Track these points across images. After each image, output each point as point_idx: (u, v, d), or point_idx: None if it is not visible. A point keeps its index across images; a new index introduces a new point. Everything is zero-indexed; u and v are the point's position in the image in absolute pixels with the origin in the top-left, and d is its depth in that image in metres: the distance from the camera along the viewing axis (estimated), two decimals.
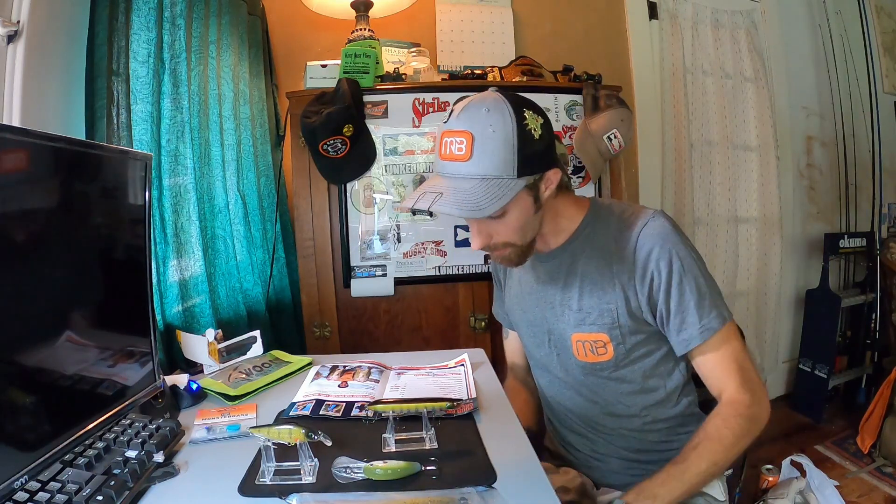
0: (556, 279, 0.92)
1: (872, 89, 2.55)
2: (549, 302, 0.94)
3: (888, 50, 2.70)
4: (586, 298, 0.89)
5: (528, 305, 0.98)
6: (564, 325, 0.91)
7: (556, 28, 2.09)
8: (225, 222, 1.42)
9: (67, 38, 1.06)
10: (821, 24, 2.53)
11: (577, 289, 0.90)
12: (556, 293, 0.92)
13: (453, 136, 0.76)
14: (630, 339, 0.88)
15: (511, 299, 1.04)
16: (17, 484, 0.53)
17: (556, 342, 0.94)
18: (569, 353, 0.92)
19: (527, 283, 0.98)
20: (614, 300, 0.87)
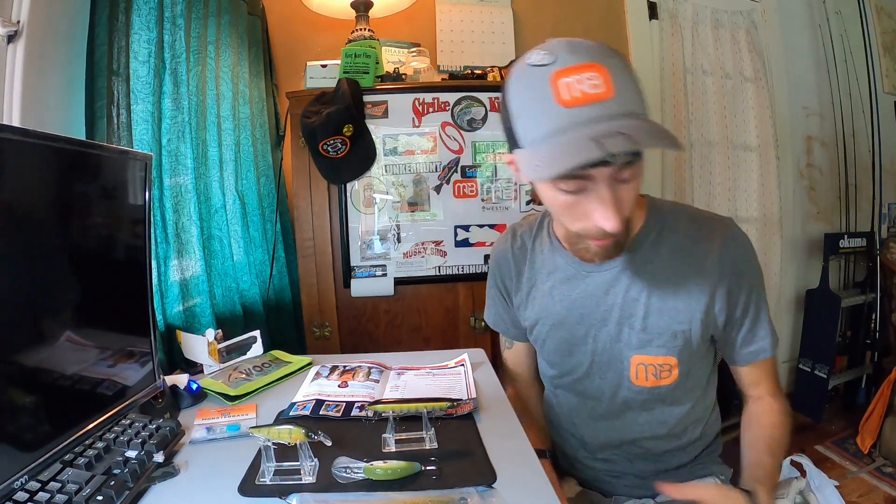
0: (613, 293, 0.79)
1: (872, 89, 2.55)
2: (599, 319, 0.81)
3: (888, 50, 2.69)
4: (654, 317, 0.77)
5: (563, 321, 0.84)
6: (622, 347, 0.80)
7: (556, 28, 2.09)
8: (221, 223, 1.42)
9: (67, 38, 1.06)
10: (821, 24, 2.53)
11: (642, 305, 0.78)
12: (613, 310, 0.80)
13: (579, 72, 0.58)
14: (696, 359, 0.82)
15: (534, 312, 0.89)
16: (17, 484, 0.53)
17: (605, 364, 0.83)
18: (622, 377, 0.82)
19: (563, 296, 0.84)
20: (688, 320, 0.77)
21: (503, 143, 1.57)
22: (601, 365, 0.84)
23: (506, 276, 0.94)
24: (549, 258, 0.87)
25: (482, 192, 1.58)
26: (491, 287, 0.98)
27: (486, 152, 1.58)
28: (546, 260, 0.87)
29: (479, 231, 1.58)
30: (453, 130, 1.56)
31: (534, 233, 0.91)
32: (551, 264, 0.86)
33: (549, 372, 0.94)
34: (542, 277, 0.88)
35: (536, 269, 0.89)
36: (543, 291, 0.87)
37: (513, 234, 0.94)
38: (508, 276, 0.93)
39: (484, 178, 1.58)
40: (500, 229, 1.59)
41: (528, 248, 0.90)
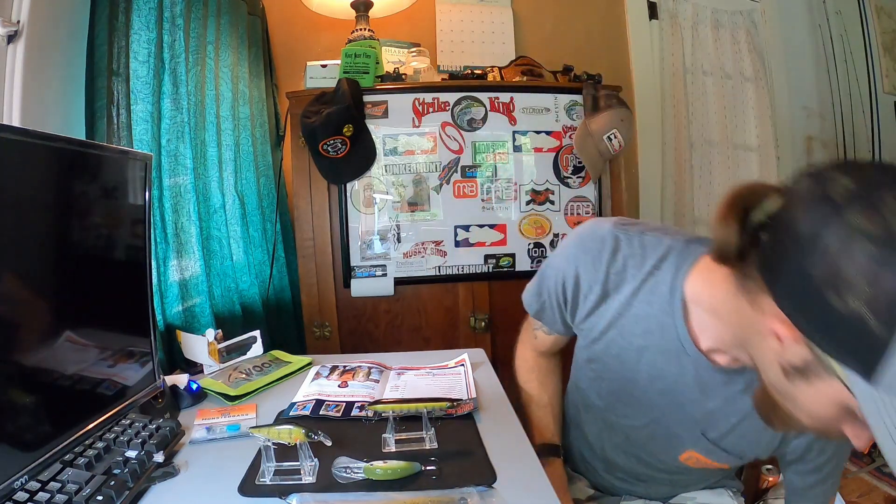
0: (712, 398, 0.69)
1: (872, 89, 2.55)
2: (680, 403, 0.71)
3: (888, 50, 2.69)
4: (733, 438, 0.70)
5: (638, 383, 0.73)
6: (685, 440, 0.73)
7: (556, 28, 2.09)
8: (220, 223, 1.42)
9: (67, 38, 1.06)
10: (821, 24, 2.53)
11: (729, 426, 0.70)
12: (698, 410, 0.70)
13: None
14: None
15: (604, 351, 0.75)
16: (17, 484, 0.53)
17: (660, 437, 0.76)
18: (670, 454, 0.77)
19: (660, 371, 0.71)
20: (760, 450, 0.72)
21: (503, 143, 1.58)
22: (655, 433, 0.76)
23: (581, 295, 0.74)
24: (656, 318, 0.69)
25: (482, 192, 1.58)
26: (549, 290, 0.79)
27: (486, 152, 1.58)
28: (652, 318, 0.69)
29: (479, 231, 1.58)
30: (453, 130, 1.56)
31: (648, 270, 0.69)
32: (657, 327, 0.69)
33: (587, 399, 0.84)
34: (632, 328, 0.71)
35: (630, 316, 0.71)
36: (627, 342, 0.72)
37: (613, 248, 0.71)
38: (581, 298, 0.75)
39: (484, 178, 1.58)
40: (500, 229, 1.59)
41: (629, 280, 0.70)
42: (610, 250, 0.71)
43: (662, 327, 0.68)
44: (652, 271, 0.69)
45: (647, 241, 0.71)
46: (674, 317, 0.67)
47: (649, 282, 0.69)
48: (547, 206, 1.62)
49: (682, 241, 0.69)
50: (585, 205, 1.64)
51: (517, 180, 1.60)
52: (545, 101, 1.61)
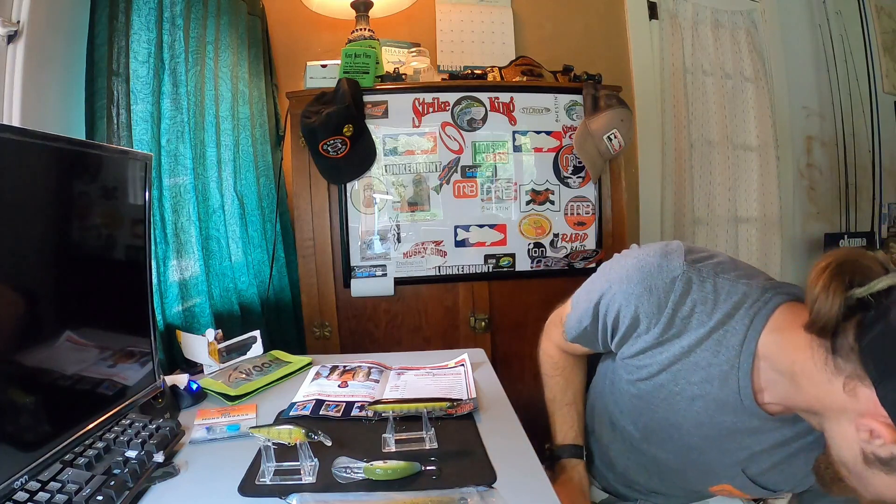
0: (758, 442, 0.68)
1: (872, 89, 2.55)
2: (724, 449, 0.70)
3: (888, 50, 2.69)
4: (772, 474, 0.70)
5: (689, 431, 0.71)
6: (721, 475, 0.73)
7: (556, 28, 2.09)
8: (219, 223, 1.42)
9: (67, 38, 1.06)
10: (821, 24, 2.53)
11: (772, 462, 0.69)
12: (743, 452, 0.69)
13: None
14: None
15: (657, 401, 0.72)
16: (17, 484, 0.53)
17: (694, 470, 0.75)
18: (701, 483, 0.78)
19: (709, 419, 0.69)
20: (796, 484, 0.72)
21: (503, 143, 1.58)
22: (689, 467, 0.75)
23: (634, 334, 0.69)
24: (720, 370, 0.64)
25: (482, 192, 1.58)
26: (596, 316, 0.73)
27: (486, 152, 1.58)
28: (715, 369, 0.65)
29: (479, 231, 1.58)
30: (453, 130, 1.56)
31: (720, 318, 0.63)
32: (718, 378, 0.65)
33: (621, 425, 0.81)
34: (690, 376, 0.67)
35: (690, 363, 0.66)
36: (680, 388, 0.68)
37: (683, 290, 0.65)
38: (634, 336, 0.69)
39: (484, 178, 1.58)
40: (500, 229, 1.59)
41: (696, 327, 0.65)
42: (679, 293, 0.65)
43: (724, 379, 0.64)
44: (724, 320, 0.63)
45: (720, 286, 0.64)
46: (739, 371, 0.63)
47: (718, 331, 0.64)
48: (547, 206, 1.62)
49: (758, 288, 0.63)
50: (585, 205, 1.64)
51: (517, 180, 1.60)
52: (545, 101, 1.61)
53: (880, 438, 0.48)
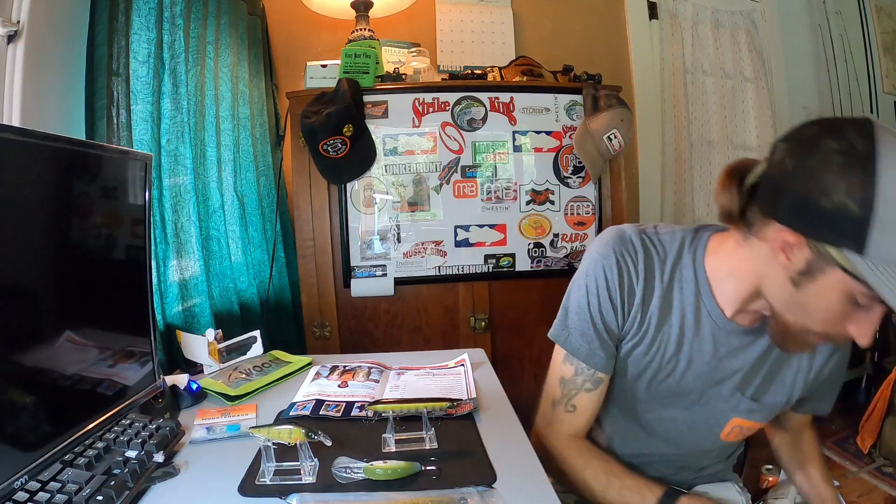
0: (742, 358, 0.77)
1: (872, 89, 2.56)
2: (718, 380, 0.78)
3: (888, 50, 2.69)
4: (768, 388, 0.78)
5: (676, 370, 0.78)
6: (727, 408, 0.79)
7: (556, 28, 2.09)
8: (219, 223, 1.42)
9: (67, 38, 1.06)
10: (821, 24, 2.53)
11: (762, 376, 0.77)
12: (736, 375, 0.77)
13: None
14: None
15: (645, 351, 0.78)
16: (17, 484, 0.53)
17: (700, 417, 0.81)
18: (711, 432, 0.82)
19: (697, 352, 0.77)
20: (790, 392, 0.79)
21: (503, 143, 1.58)
22: (696, 417, 0.81)
23: (626, 295, 0.77)
24: (688, 300, 0.76)
25: (482, 192, 1.58)
26: (591, 304, 0.78)
27: (486, 152, 1.58)
28: (685, 302, 0.76)
29: (479, 231, 1.58)
30: (453, 130, 1.56)
31: (672, 259, 0.77)
32: (690, 309, 0.76)
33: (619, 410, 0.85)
34: (670, 319, 0.76)
35: (668, 308, 0.77)
36: (666, 336, 0.77)
37: (643, 247, 0.77)
38: (628, 298, 0.77)
39: (484, 178, 1.58)
40: (500, 229, 1.59)
41: (661, 274, 0.77)
42: (640, 247, 0.77)
43: (695, 309, 0.76)
44: (676, 261, 0.77)
45: (663, 238, 0.79)
46: (702, 296, 0.75)
47: (676, 271, 0.77)
48: (547, 206, 1.62)
49: (691, 230, 0.78)
50: (585, 205, 1.65)
51: (517, 180, 1.60)
52: (545, 101, 1.61)
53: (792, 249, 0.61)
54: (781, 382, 0.79)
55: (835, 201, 0.54)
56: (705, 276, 0.75)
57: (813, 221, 0.57)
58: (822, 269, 0.59)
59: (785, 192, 0.60)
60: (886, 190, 0.52)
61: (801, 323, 0.65)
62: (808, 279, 0.61)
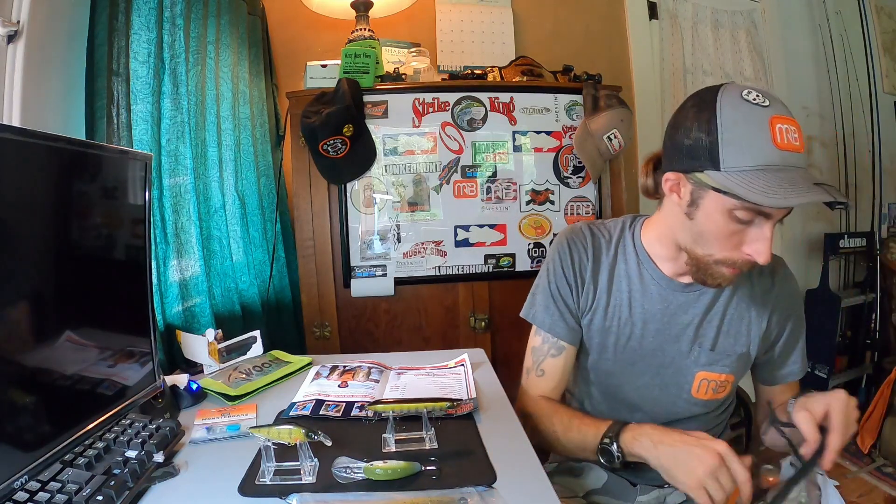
0: (692, 312, 0.86)
1: (872, 89, 2.55)
2: (674, 336, 0.87)
3: (888, 50, 2.69)
4: (723, 338, 0.86)
5: (634, 333, 0.88)
6: (689, 363, 0.87)
7: (556, 28, 2.09)
8: (221, 223, 1.42)
9: (67, 38, 1.06)
10: (821, 24, 2.53)
11: (715, 327, 0.86)
12: (689, 328, 0.86)
13: (787, 123, 0.69)
14: (743, 375, 0.91)
15: (602, 319, 0.90)
16: (17, 484, 0.53)
17: (669, 377, 0.88)
18: (683, 390, 0.88)
19: (641, 309, 0.88)
20: (748, 343, 0.87)
21: (503, 143, 1.58)
22: (665, 377, 0.88)
23: (577, 271, 0.91)
24: (632, 268, 0.89)
25: (482, 192, 1.58)
26: (550, 283, 0.92)
27: (486, 152, 1.58)
28: (630, 269, 0.89)
29: (479, 231, 1.58)
30: (453, 130, 1.56)
31: (615, 239, 0.92)
32: (635, 274, 0.89)
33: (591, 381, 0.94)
34: (619, 285, 0.90)
35: (615, 276, 0.90)
36: (618, 300, 0.89)
37: (591, 233, 0.93)
38: (580, 273, 0.91)
39: (484, 178, 1.58)
40: (500, 229, 1.59)
41: (607, 251, 0.91)
42: (588, 233, 0.93)
43: (639, 276, 0.89)
44: (619, 239, 0.92)
45: (608, 225, 0.95)
46: (643, 264, 0.89)
47: (620, 247, 0.91)
48: (547, 206, 1.62)
49: (629, 217, 0.95)
50: (585, 205, 1.65)
51: (517, 180, 1.60)
52: (545, 101, 1.61)
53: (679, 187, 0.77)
54: (737, 333, 0.87)
55: (692, 138, 0.72)
56: (642, 245, 0.89)
57: (683, 159, 0.73)
58: (701, 196, 0.73)
59: (668, 147, 0.78)
60: (724, 118, 0.69)
61: (707, 253, 0.77)
62: (695, 208, 0.75)
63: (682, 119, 0.74)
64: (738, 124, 0.68)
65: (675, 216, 0.80)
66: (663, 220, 0.84)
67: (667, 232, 0.84)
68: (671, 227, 0.82)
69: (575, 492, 0.93)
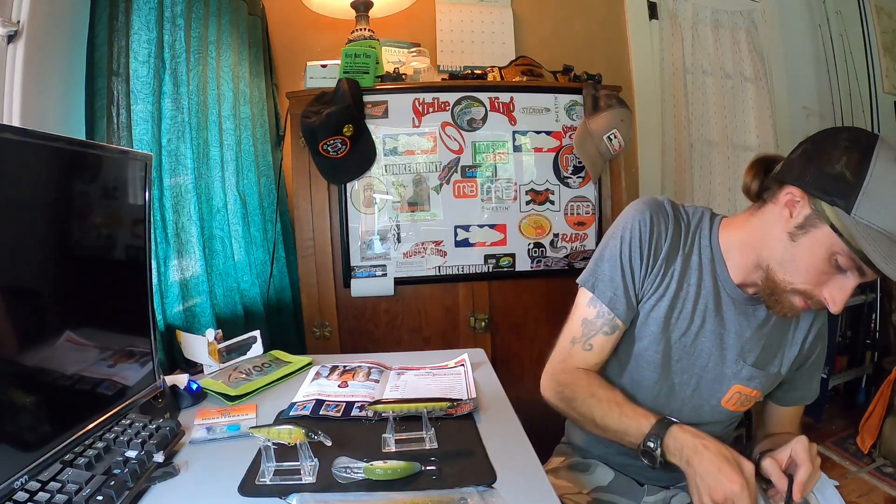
0: (746, 327, 0.85)
1: (872, 89, 2.55)
2: (725, 343, 0.85)
3: (888, 50, 2.69)
4: (764, 356, 0.86)
5: (690, 330, 0.85)
6: (730, 374, 0.86)
7: (556, 28, 2.09)
8: (223, 222, 1.43)
9: (67, 38, 1.06)
10: (821, 24, 2.53)
11: (761, 344, 0.85)
12: (738, 342, 0.85)
13: None
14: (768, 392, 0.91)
15: (665, 309, 0.85)
16: (17, 484, 0.53)
17: (706, 382, 0.87)
18: (714, 397, 0.87)
19: (710, 313, 0.85)
20: (782, 363, 0.87)
21: (503, 143, 1.58)
22: (702, 381, 0.87)
23: (654, 249, 0.85)
24: (706, 263, 0.86)
25: (482, 192, 1.58)
26: (622, 253, 0.85)
27: (486, 152, 1.58)
28: (703, 264, 0.85)
29: (479, 231, 1.58)
30: (453, 130, 1.56)
31: (694, 228, 0.87)
32: (707, 271, 0.85)
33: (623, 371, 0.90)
34: (690, 278, 0.85)
35: (689, 267, 0.85)
36: (686, 293, 0.85)
37: (673, 211, 0.87)
38: (655, 252, 0.85)
39: (484, 178, 1.58)
40: (500, 229, 1.59)
41: (686, 238, 0.86)
42: (672, 211, 0.87)
43: (711, 273, 0.85)
44: (696, 230, 0.87)
45: (687, 209, 0.90)
46: (715, 262, 0.85)
47: (696, 239, 0.87)
48: (547, 206, 1.62)
49: (709, 210, 0.91)
50: (585, 205, 1.65)
51: (517, 180, 1.60)
52: (545, 101, 1.61)
53: (795, 205, 0.73)
54: (775, 353, 0.87)
55: (836, 169, 0.69)
56: (718, 244, 0.85)
57: (816, 182, 0.70)
58: (816, 224, 0.71)
59: (799, 163, 0.74)
60: (877, 170, 0.66)
61: (788, 280, 0.75)
62: (803, 232, 0.72)
63: (831, 146, 0.71)
64: (886, 184, 0.66)
65: (773, 231, 0.76)
66: (755, 228, 0.80)
67: (753, 242, 0.80)
68: (761, 240, 0.78)
69: (582, 488, 0.93)
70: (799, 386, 0.91)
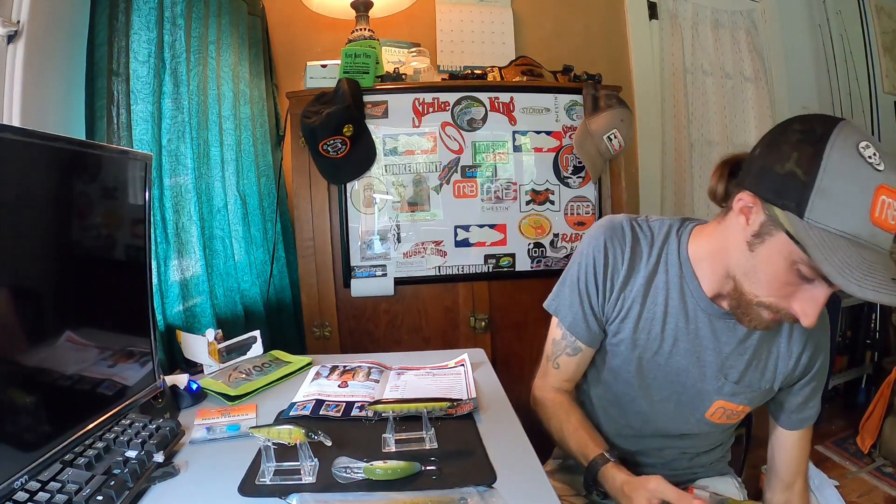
0: (726, 342, 0.81)
1: (872, 89, 2.56)
2: (703, 360, 0.82)
3: (888, 50, 2.69)
4: (750, 372, 0.81)
5: (662, 349, 0.83)
6: (711, 390, 0.83)
7: (556, 28, 2.09)
8: (223, 222, 1.43)
9: (67, 38, 1.06)
10: (821, 24, 2.53)
11: (745, 360, 0.81)
12: (717, 358, 0.81)
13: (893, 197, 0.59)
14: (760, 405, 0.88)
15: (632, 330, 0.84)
16: (17, 484, 0.53)
17: (687, 398, 0.85)
18: (698, 411, 0.85)
19: (682, 330, 0.82)
20: (773, 379, 0.82)
21: (503, 143, 1.58)
22: (682, 397, 0.85)
23: (609, 277, 0.84)
24: (673, 280, 0.81)
25: (482, 192, 1.58)
26: (579, 280, 0.86)
27: (486, 152, 1.58)
28: (670, 282, 0.82)
29: (479, 231, 1.58)
30: (453, 130, 1.56)
31: (659, 246, 0.83)
32: (675, 288, 0.81)
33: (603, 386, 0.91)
34: (655, 298, 0.82)
35: (653, 287, 0.83)
36: (651, 314, 0.83)
37: (632, 234, 0.84)
38: (611, 279, 0.84)
39: (484, 178, 1.58)
40: (500, 229, 1.59)
41: (647, 258, 0.83)
42: (630, 233, 0.84)
43: (679, 290, 0.81)
44: (663, 246, 0.83)
45: (653, 225, 0.86)
46: (685, 277, 0.81)
47: (662, 255, 0.83)
48: (547, 206, 1.62)
49: (678, 220, 0.86)
50: (585, 205, 1.65)
51: (517, 180, 1.60)
52: (545, 101, 1.61)
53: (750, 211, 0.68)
54: (764, 368, 0.82)
55: (786, 168, 0.63)
56: (688, 257, 0.81)
57: (767, 185, 0.65)
58: (771, 233, 0.66)
59: (753, 164, 0.68)
60: (830, 164, 0.59)
61: (753, 292, 0.70)
62: (760, 242, 0.67)
63: (783, 141, 0.64)
64: (840, 179, 0.59)
65: (735, 239, 0.71)
66: (721, 236, 0.75)
67: (719, 252, 0.75)
68: (726, 250, 0.74)
69: (577, 490, 0.93)
70: (804, 405, 0.85)
